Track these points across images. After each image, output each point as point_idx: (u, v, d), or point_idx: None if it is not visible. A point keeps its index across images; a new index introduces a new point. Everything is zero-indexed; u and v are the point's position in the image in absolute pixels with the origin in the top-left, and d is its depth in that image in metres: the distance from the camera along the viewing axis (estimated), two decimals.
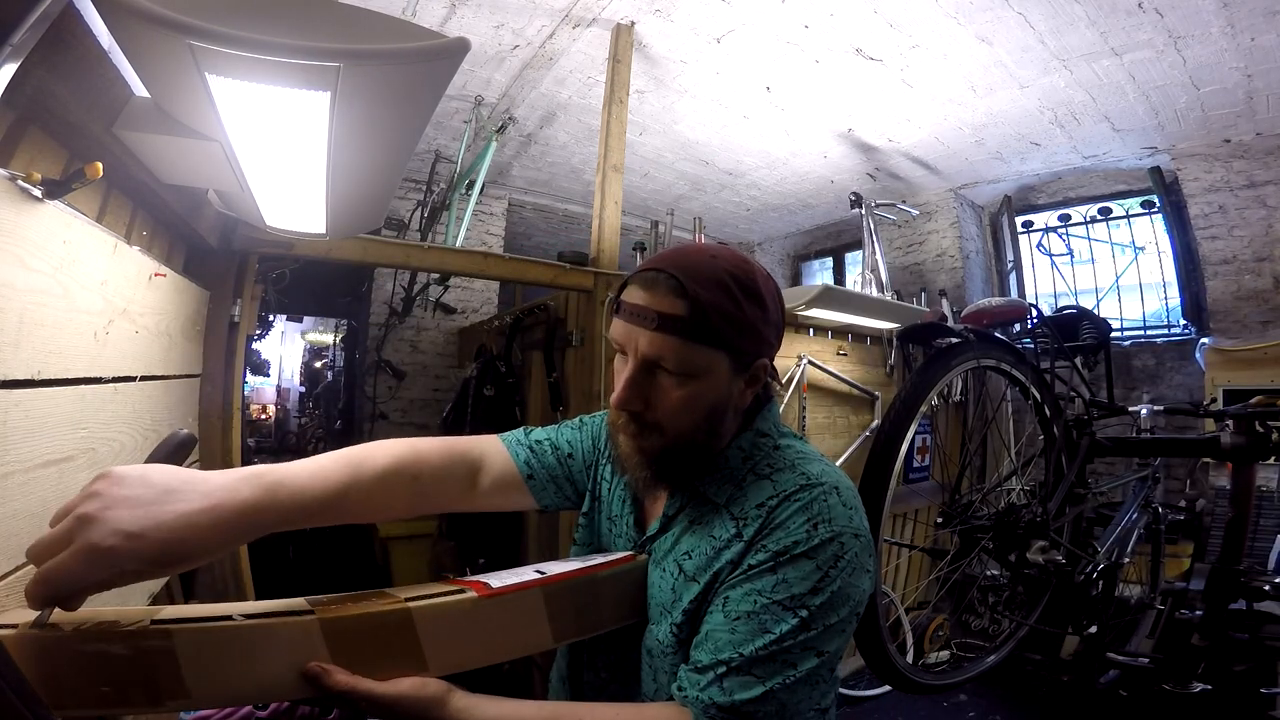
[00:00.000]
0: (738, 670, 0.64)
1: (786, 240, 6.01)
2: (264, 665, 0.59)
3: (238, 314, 1.77)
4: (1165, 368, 3.80)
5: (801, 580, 0.66)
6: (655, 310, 0.68)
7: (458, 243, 3.16)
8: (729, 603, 0.68)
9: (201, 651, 0.56)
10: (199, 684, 0.56)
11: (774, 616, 0.65)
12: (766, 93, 3.19)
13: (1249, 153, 3.34)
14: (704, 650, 0.67)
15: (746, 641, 0.65)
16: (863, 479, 1.42)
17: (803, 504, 0.69)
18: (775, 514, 0.70)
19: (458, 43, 0.77)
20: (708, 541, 0.74)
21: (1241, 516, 1.71)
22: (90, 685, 0.53)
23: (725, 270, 0.70)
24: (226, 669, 0.57)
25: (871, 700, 3.04)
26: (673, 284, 0.68)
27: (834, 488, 0.71)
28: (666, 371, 0.70)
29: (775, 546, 0.68)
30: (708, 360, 0.70)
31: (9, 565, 0.73)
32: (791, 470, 0.74)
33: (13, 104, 0.73)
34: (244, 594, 1.72)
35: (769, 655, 0.64)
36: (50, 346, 0.84)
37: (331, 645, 0.61)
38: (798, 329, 3.01)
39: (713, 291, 0.68)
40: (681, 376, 0.70)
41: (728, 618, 0.67)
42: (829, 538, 0.67)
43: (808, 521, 0.68)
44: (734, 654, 0.65)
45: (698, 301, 0.67)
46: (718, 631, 0.67)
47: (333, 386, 6.79)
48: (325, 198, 1.12)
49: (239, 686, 0.58)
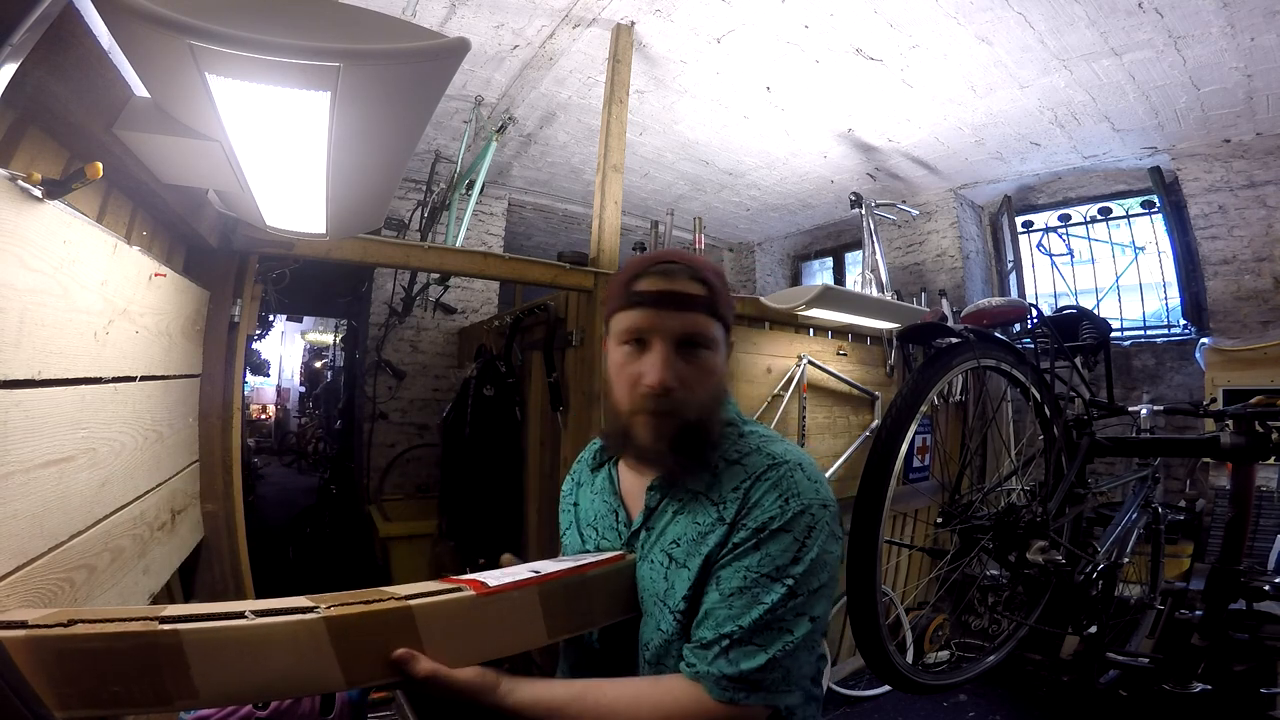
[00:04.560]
0: (740, 642, 0.72)
1: (786, 240, 6.01)
2: (269, 663, 0.59)
3: (238, 314, 1.77)
4: (1165, 368, 3.80)
5: (783, 553, 0.74)
6: (685, 293, 0.80)
7: (458, 243, 3.16)
8: (721, 581, 0.75)
9: (209, 650, 0.57)
10: (206, 683, 0.56)
11: (764, 588, 0.73)
12: (766, 93, 3.19)
13: (1249, 153, 3.33)
14: (706, 628, 0.74)
15: (743, 614, 0.72)
16: (863, 479, 1.42)
17: (772, 482, 0.77)
18: (750, 494, 0.78)
19: (458, 43, 0.77)
20: (693, 528, 0.80)
21: (1241, 516, 1.71)
22: (100, 685, 0.53)
23: (710, 264, 0.86)
24: (232, 667, 0.58)
25: (871, 700, 3.04)
26: (689, 272, 0.82)
27: (798, 464, 0.80)
28: (694, 346, 0.80)
29: (754, 524, 0.75)
30: (718, 333, 0.83)
31: (10, 565, 0.73)
32: (758, 453, 0.82)
33: (13, 104, 0.74)
34: (244, 594, 1.72)
35: (766, 624, 0.72)
36: (51, 346, 0.84)
37: (336, 643, 0.62)
38: (798, 329, 3.01)
39: (715, 277, 0.83)
40: (705, 350, 0.81)
41: (723, 595, 0.74)
42: (800, 510, 0.75)
43: (779, 498, 0.76)
44: (734, 627, 0.72)
45: (710, 284, 0.82)
46: (716, 609, 0.74)
47: (332, 386, 6.80)
48: (325, 198, 1.12)
49: (244, 685, 0.59)
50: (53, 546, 0.83)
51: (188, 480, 1.54)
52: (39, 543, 0.80)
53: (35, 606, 0.78)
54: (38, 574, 0.79)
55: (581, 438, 2.30)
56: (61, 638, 0.53)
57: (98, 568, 0.97)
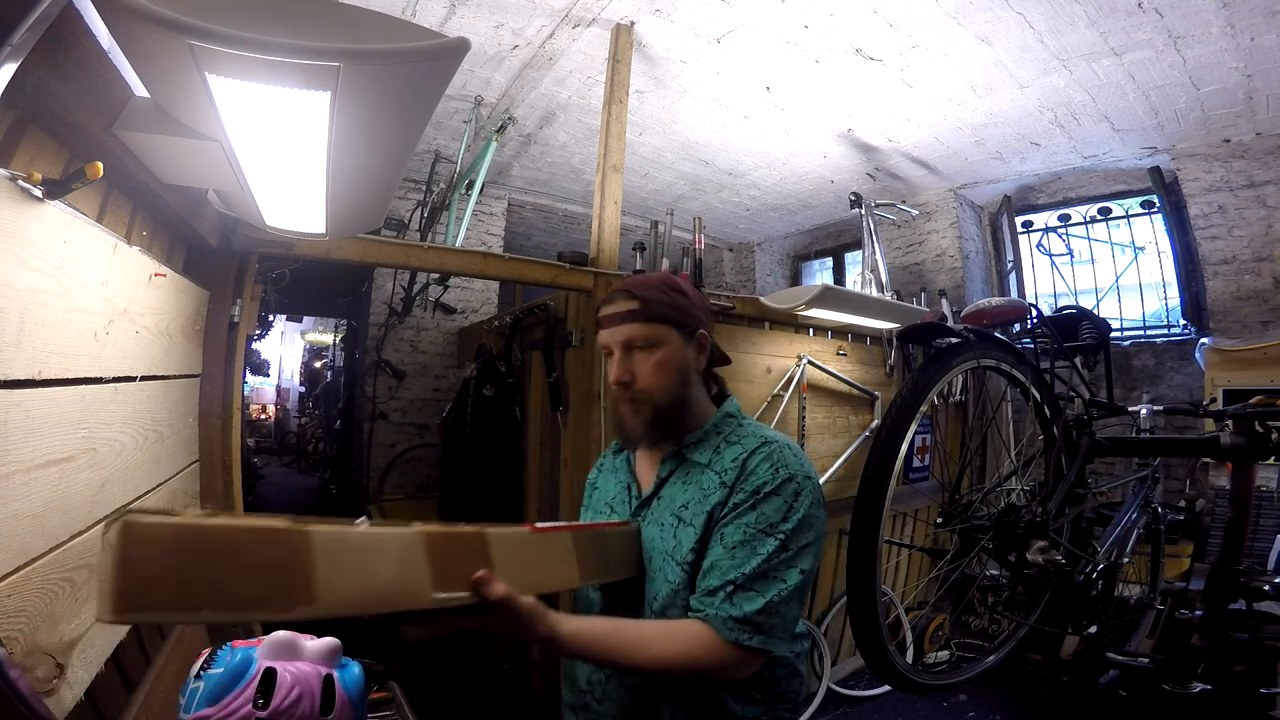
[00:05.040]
0: (742, 587, 0.86)
1: (786, 240, 6.01)
2: (378, 571, 0.65)
3: (238, 314, 1.77)
4: (1165, 368, 3.80)
5: (775, 512, 0.90)
6: (619, 311, 1.01)
7: (457, 243, 3.16)
8: (724, 537, 0.91)
9: (333, 552, 0.61)
10: (325, 588, 0.60)
11: (760, 541, 0.89)
12: (766, 93, 3.19)
13: (1249, 153, 3.33)
14: (712, 577, 0.89)
15: (744, 563, 0.87)
16: (862, 479, 1.41)
17: (765, 455, 0.95)
18: (747, 464, 0.95)
19: (458, 43, 0.77)
20: (698, 492, 0.97)
21: (1241, 516, 1.71)
22: (230, 581, 0.55)
23: (658, 279, 1.05)
24: (349, 572, 0.62)
25: (871, 700, 3.04)
26: (625, 294, 1.02)
27: (786, 445, 0.98)
28: (639, 348, 1.00)
29: (750, 487, 0.92)
30: (662, 333, 1.00)
31: (11, 565, 0.73)
32: (753, 436, 1.00)
33: (13, 104, 0.74)
34: None
35: (762, 572, 0.87)
36: (51, 346, 0.84)
37: (430, 557, 0.69)
38: (798, 329, 3.01)
39: (651, 291, 1.01)
40: (649, 349, 1.00)
41: (726, 549, 0.89)
42: (787, 478, 0.92)
43: (771, 467, 0.93)
44: (737, 574, 0.87)
45: (643, 298, 1.00)
46: (721, 560, 0.89)
47: (332, 386, 6.80)
48: (325, 198, 1.12)
49: (357, 591, 0.63)
50: (53, 546, 0.83)
51: (188, 480, 1.54)
52: (40, 542, 0.80)
53: (41, 604, 0.78)
54: (39, 574, 0.79)
55: (581, 437, 2.30)
56: (207, 525, 0.55)
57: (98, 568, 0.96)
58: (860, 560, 1.39)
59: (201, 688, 0.84)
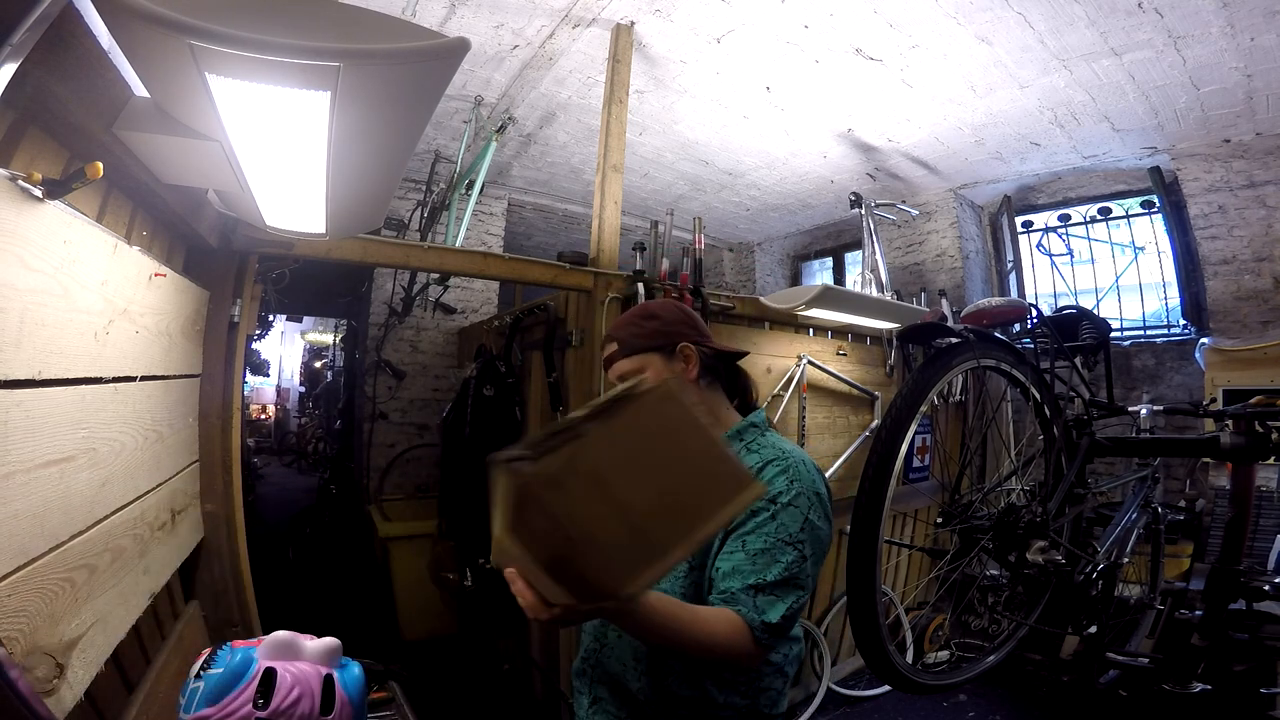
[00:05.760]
0: (765, 591, 0.92)
1: (786, 240, 6.01)
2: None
3: (238, 314, 1.77)
4: (1165, 368, 3.80)
5: (792, 523, 0.96)
6: (607, 356, 1.14)
7: (457, 243, 3.16)
8: (747, 544, 0.95)
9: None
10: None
11: (780, 550, 0.94)
12: (766, 93, 3.19)
13: (1249, 153, 3.33)
14: (734, 579, 0.93)
15: (766, 569, 0.93)
16: (862, 479, 1.42)
17: (781, 468, 1.01)
18: (763, 474, 1.01)
19: (458, 43, 0.77)
20: None
21: (1241, 516, 1.71)
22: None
23: (629, 315, 1.16)
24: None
25: (871, 700, 3.04)
26: (608, 339, 1.16)
27: (801, 460, 1.04)
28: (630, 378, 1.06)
29: (767, 497, 0.97)
30: (642, 362, 1.09)
31: (11, 565, 0.73)
32: (771, 448, 1.07)
33: (13, 104, 0.74)
34: (244, 593, 1.72)
35: (784, 581, 0.93)
36: (51, 346, 0.84)
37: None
38: (798, 329, 3.01)
39: (623, 329, 1.13)
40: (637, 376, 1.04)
41: (748, 555, 0.94)
42: (800, 491, 0.99)
43: (786, 479, 0.99)
44: (759, 579, 0.92)
45: (618, 337, 1.13)
46: (744, 565, 0.94)
47: (332, 386, 6.80)
48: (325, 198, 1.12)
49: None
50: (54, 546, 0.83)
51: (188, 480, 1.54)
52: (40, 542, 0.80)
53: (41, 604, 0.78)
54: (39, 574, 0.79)
55: None
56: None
57: (98, 567, 0.97)
58: (860, 560, 1.39)
59: (201, 688, 0.84)
